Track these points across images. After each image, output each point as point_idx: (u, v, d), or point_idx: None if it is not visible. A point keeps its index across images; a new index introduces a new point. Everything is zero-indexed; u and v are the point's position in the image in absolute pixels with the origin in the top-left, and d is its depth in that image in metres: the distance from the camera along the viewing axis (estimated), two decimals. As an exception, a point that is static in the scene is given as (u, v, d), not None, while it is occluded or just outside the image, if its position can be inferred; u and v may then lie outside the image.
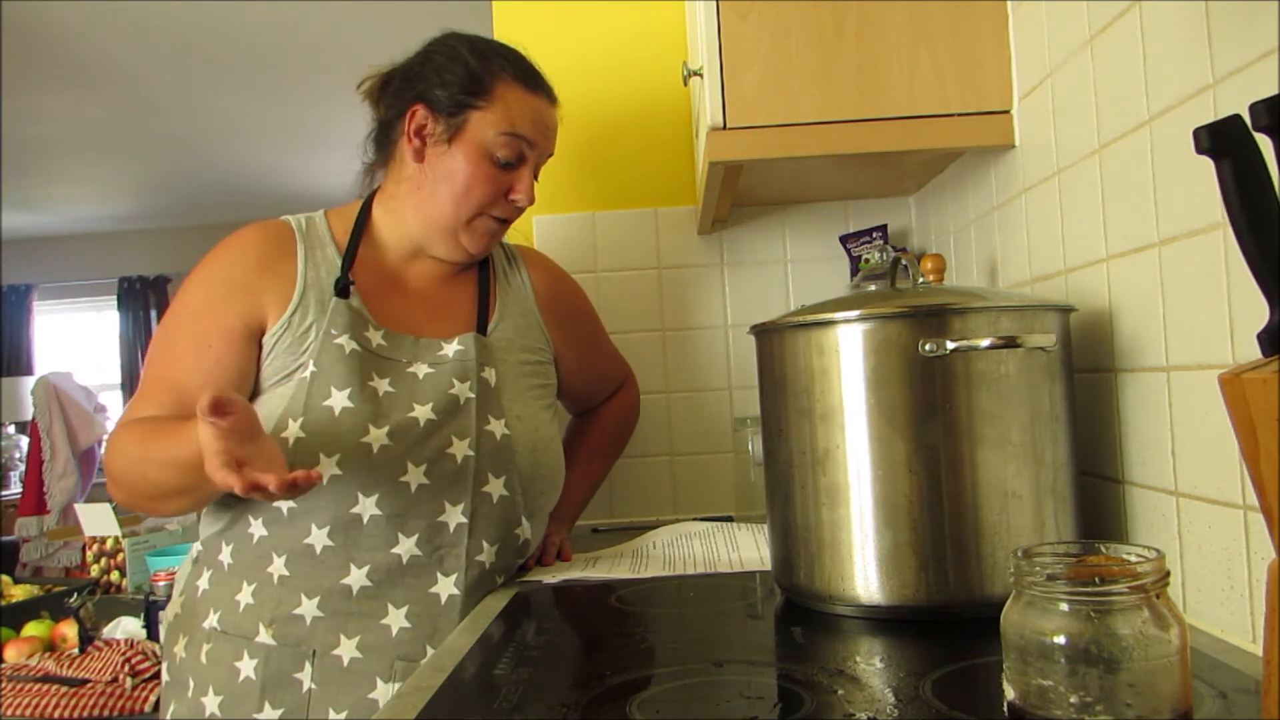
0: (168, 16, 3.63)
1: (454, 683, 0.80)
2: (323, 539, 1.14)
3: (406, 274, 1.30)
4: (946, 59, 1.20)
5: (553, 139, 1.31)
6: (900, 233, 1.75)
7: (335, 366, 1.16)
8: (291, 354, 1.18)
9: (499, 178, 1.24)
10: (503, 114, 1.23)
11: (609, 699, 0.73)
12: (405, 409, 1.16)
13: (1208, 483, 0.80)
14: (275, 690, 1.13)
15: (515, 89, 1.25)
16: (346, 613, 1.14)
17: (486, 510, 1.18)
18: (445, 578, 1.16)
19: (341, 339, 1.17)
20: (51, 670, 2.08)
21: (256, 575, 1.16)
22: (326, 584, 1.14)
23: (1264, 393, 0.50)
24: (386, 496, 1.14)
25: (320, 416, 1.14)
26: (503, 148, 1.23)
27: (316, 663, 1.14)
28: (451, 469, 1.16)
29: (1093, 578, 0.56)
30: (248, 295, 1.19)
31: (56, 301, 7.50)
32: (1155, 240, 0.87)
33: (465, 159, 1.23)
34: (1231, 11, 0.73)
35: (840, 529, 0.91)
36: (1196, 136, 0.56)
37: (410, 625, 1.14)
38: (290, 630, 1.14)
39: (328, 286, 1.22)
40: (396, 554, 1.14)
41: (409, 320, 1.25)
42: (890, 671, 0.77)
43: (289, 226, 1.26)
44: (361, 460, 1.13)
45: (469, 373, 1.21)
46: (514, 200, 1.26)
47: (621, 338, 1.76)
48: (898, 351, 0.89)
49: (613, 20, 1.79)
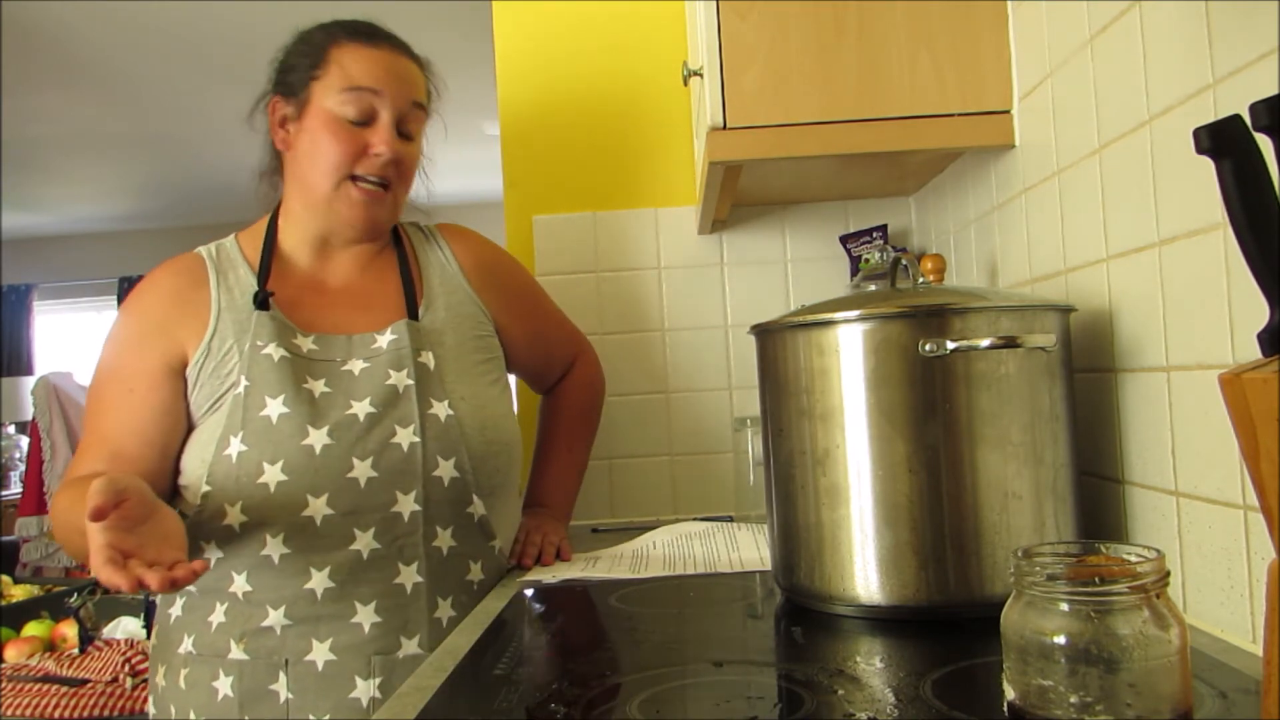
0: (168, 16, 3.63)
1: (454, 683, 0.80)
2: (279, 547, 1.14)
3: (324, 274, 1.29)
4: (946, 59, 1.20)
5: (408, 86, 1.26)
6: (900, 233, 1.75)
7: (266, 376, 1.16)
8: (217, 378, 1.19)
9: (354, 136, 1.22)
10: (339, 74, 1.22)
11: (609, 699, 0.73)
12: (343, 406, 1.17)
13: (1208, 483, 0.80)
14: (253, 704, 1.14)
15: (349, 47, 1.24)
16: (315, 617, 1.15)
17: (439, 494, 1.18)
18: (407, 567, 1.17)
19: (269, 348, 1.18)
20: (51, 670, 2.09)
21: (223, 596, 1.17)
22: (290, 592, 1.15)
23: (1264, 393, 0.50)
24: (336, 495, 1.14)
25: (259, 427, 1.14)
26: (347, 104, 1.21)
27: (291, 671, 1.15)
28: (399, 458, 1.17)
29: (1093, 578, 0.56)
30: (163, 335, 1.21)
31: (56, 301, 7.50)
32: (1155, 240, 0.87)
33: (317, 128, 1.22)
34: (1231, 11, 0.73)
35: (840, 529, 0.91)
36: (1196, 136, 0.56)
37: (381, 619, 1.15)
38: (261, 643, 1.15)
39: (244, 306, 1.22)
40: (355, 550, 1.15)
41: (338, 321, 1.25)
42: (890, 671, 0.77)
43: (199, 257, 1.28)
44: (306, 463, 1.13)
45: (405, 360, 1.21)
46: (375, 154, 1.21)
47: (621, 338, 1.76)
48: (898, 351, 0.89)
49: (613, 20, 1.79)
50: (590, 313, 1.76)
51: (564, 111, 1.80)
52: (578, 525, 1.65)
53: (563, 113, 1.80)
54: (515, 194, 1.81)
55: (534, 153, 1.80)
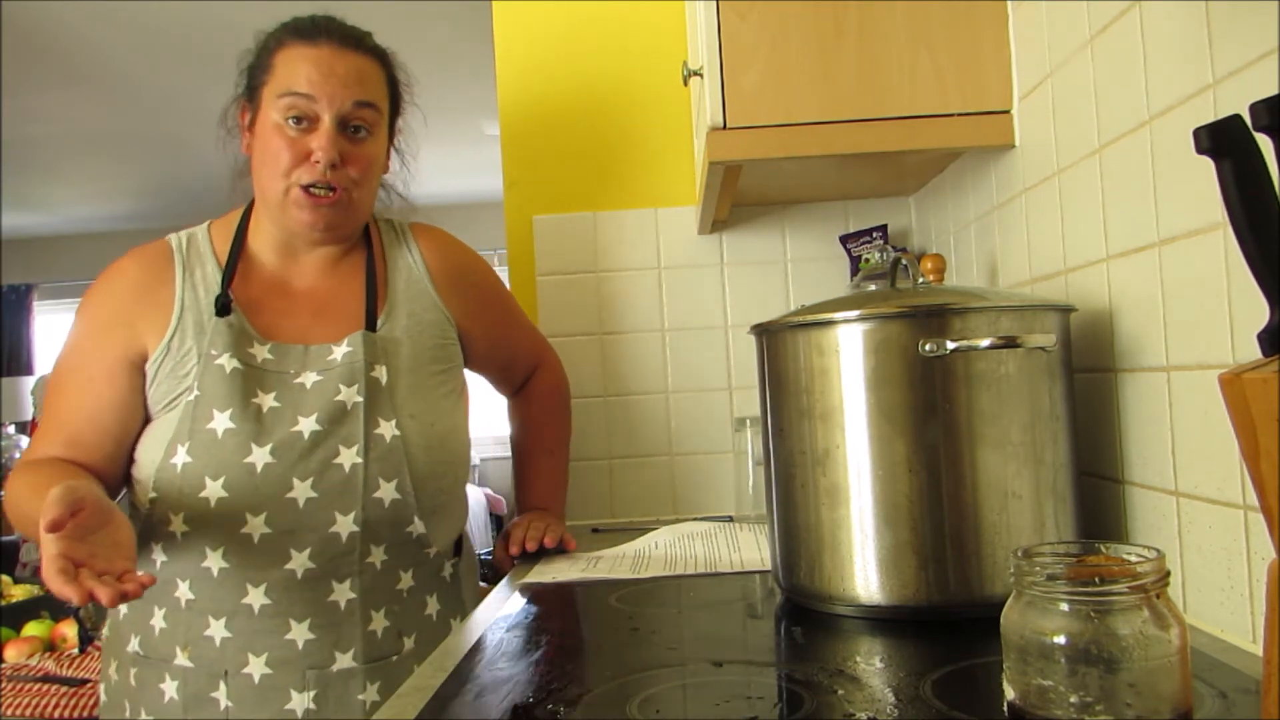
0: (168, 16, 3.62)
1: (454, 683, 0.80)
2: (218, 561, 1.16)
3: (290, 276, 1.29)
4: (946, 59, 1.20)
5: (350, 86, 1.21)
6: (900, 233, 1.75)
7: (217, 388, 1.17)
8: (174, 379, 1.19)
9: (295, 143, 1.20)
10: (281, 78, 1.22)
11: (609, 699, 0.73)
12: (289, 423, 1.17)
13: (1208, 483, 0.80)
14: (196, 709, 1.17)
15: (291, 49, 1.23)
16: (252, 631, 1.16)
17: (378, 515, 1.19)
18: (340, 584, 1.18)
19: (222, 359, 1.18)
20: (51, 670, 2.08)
21: (166, 600, 1.19)
22: (229, 605, 1.16)
23: (1264, 393, 0.50)
24: (275, 514, 1.15)
25: (204, 440, 1.15)
26: (286, 110, 1.21)
27: (230, 682, 1.17)
28: (339, 479, 1.17)
29: (1093, 578, 0.56)
30: (125, 327, 1.21)
31: (56, 301, 7.49)
32: (1155, 240, 0.87)
33: (264, 132, 1.23)
34: (1231, 11, 0.73)
35: (840, 529, 0.91)
36: (1196, 136, 0.56)
37: (315, 636, 1.17)
38: (204, 652, 1.17)
39: (207, 307, 1.22)
40: (290, 570, 1.16)
41: (296, 328, 1.24)
42: (890, 671, 0.77)
43: (168, 248, 1.27)
44: (246, 480, 1.14)
45: (357, 375, 1.20)
46: (314, 160, 1.19)
47: (621, 338, 1.76)
48: (898, 351, 0.89)
49: (613, 20, 1.79)
50: (590, 313, 1.77)
51: (564, 111, 1.80)
52: (579, 525, 1.65)
53: (563, 113, 1.80)
54: (515, 194, 1.81)
55: (534, 153, 1.80)
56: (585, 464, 1.74)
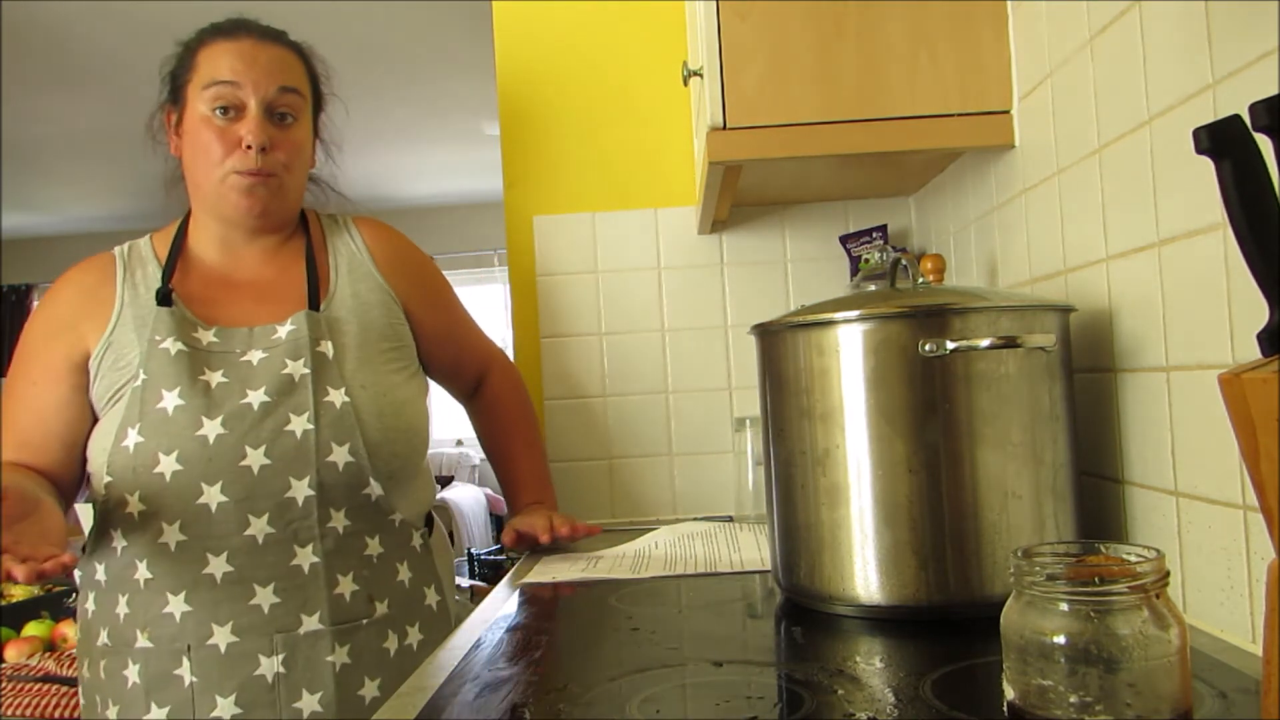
0: (168, 15, 3.62)
1: (454, 683, 0.80)
2: (176, 534, 1.18)
3: (232, 268, 1.32)
4: (946, 59, 1.20)
5: (272, 73, 1.26)
6: (900, 233, 1.75)
7: (164, 370, 1.20)
8: (116, 370, 1.22)
9: (225, 132, 1.25)
10: (204, 72, 1.26)
11: (609, 699, 0.73)
12: (239, 396, 1.20)
13: (1208, 483, 0.80)
14: (158, 690, 1.18)
15: (212, 45, 1.28)
16: (215, 601, 1.18)
17: (333, 479, 1.21)
18: (302, 549, 1.20)
19: (166, 343, 1.21)
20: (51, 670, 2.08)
21: (127, 585, 1.21)
22: (189, 577, 1.18)
23: (1264, 393, 0.50)
24: (230, 483, 1.17)
25: (155, 419, 1.18)
26: (212, 100, 1.25)
27: (193, 656, 1.18)
28: (291, 445, 1.19)
29: (1093, 578, 0.56)
30: (68, 330, 1.25)
31: (56, 301, 7.49)
32: (1155, 240, 0.87)
33: (194, 129, 1.26)
34: (1231, 11, 0.73)
35: (840, 529, 0.91)
36: (1196, 136, 0.56)
37: (279, 600, 1.19)
38: (163, 630, 1.19)
39: (148, 302, 1.26)
40: (250, 536, 1.18)
41: (239, 314, 1.28)
42: (890, 671, 0.77)
43: (111, 256, 1.33)
44: (200, 452, 1.17)
45: (302, 350, 1.23)
46: (246, 146, 1.24)
47: (621, 338, 1.76)
48: (898, 351, 0.89)
49: (613, 20, 1.79)
50: (590, 313, 1.77)
51: (564, 111, 1.80)
52: (578, 525, 1.65)
53: (563, 113, 1.80)
54: (515, 194, 1.81)
55: (534, 153, 1.80)
56: (585, 464, 1.75)
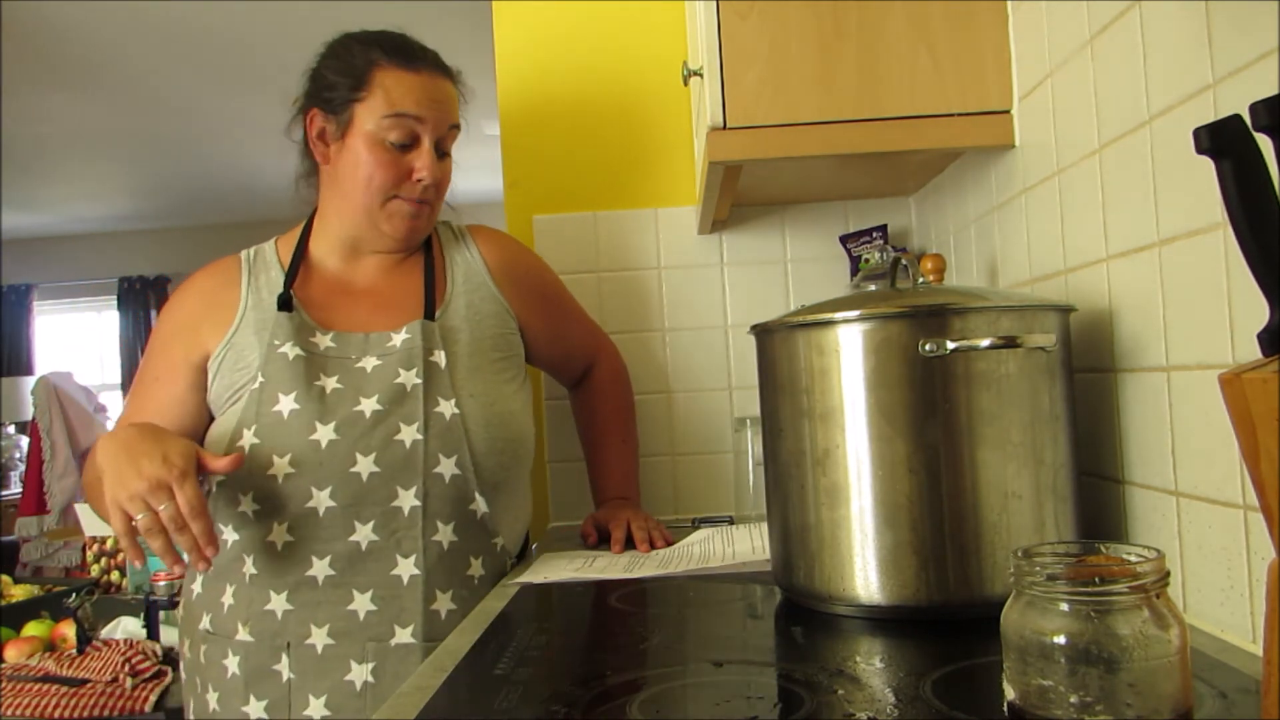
0: (169, 16, 3.62)
1: (454, 683, 0.80)
2: (284, 535, 1.21)
3: (352, 276, 1.35)
4: (946, 59, 1.20)
5: (448, 110, 1.32)
6: (900, 233, 1.75)
7: (281, 374, 1.22)
8: (235, 371, 1.25)
9: (397, 161, 1.28)
10: (383, 99, 1.27)
11: (609, 699, 0.73)
12: (352, 403, 1.22)
13: (1208, 483, 0.80)
14: (258, 683, 1.21)
15: (391, 72, 1.28)
16: (315, 603, 1.20)
17: (439, 491, 1.22)
18: (404, 559, 1.21)
19: (285, 347, 1.24)
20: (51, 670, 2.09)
21: (234, 577, 1.24)
22: (293, 578, 1.21)
23: (1264, 393, 0.50)
24: (339, 488, 1.20)
25: (270, 421, 1.21)
26: (390, 130, 1.27)
27: (292, 653, 1.21)
28: (401, 454, 1.21)
29: (1093, 578, 0.56)
30: (190, 333, 1.30)
31: (56, 301, 7.50)
32: (1155, 240, 0.87)
33: (360, 149, 1.27)
34: (1231, 11, 0.73)
35: (840, 529, 0.91)
36: (1196, 136, 0.56)
37: (376, 608, 1.20)
38: (265, 625, 1.21)
39: (270, 306, 1.28)
40: (355, 542, 1.20)
41: (357, 320, 1.30)
42: (890, 671, 0.77)
43: (237, 259, 1.35)
44: (312, 456, 1.19)
45: (415, 359, 1.25)
46: (418, 179, 1.28)
47: (622, 338, 1.76)
48: (898, 351, 0.89)
49: (613, 20, 1.79)
50: (590, 313, 1.76)
51: (564, 111, 1.80)
52: (575, 525, 1.65)
53: (563, 113, 1.80)
54: (515, 194, 1.81)
55: (534, 153, 1.80)
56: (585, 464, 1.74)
